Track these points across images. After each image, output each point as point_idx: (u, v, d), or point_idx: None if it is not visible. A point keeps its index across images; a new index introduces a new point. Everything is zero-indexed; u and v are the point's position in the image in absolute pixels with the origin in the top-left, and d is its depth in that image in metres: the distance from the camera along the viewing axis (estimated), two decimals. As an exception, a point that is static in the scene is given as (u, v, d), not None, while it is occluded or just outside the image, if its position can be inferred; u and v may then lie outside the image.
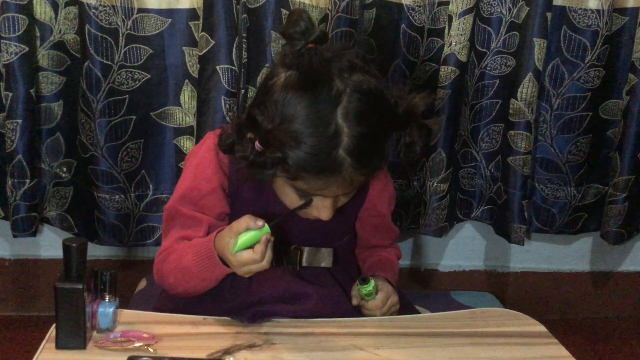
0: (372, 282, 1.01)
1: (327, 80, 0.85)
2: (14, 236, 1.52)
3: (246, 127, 0.89)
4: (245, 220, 0.87)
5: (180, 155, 1.55)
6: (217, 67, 1.42)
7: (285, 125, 0.85)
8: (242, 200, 1.01)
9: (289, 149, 0.84)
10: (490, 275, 1.85)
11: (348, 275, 1.07)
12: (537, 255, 1.84)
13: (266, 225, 0.88)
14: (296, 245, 1.03)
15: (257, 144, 0.87)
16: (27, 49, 1.42)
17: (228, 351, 0.87)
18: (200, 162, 1.00)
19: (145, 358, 0.83)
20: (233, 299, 0.99)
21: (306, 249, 1.04)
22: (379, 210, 1.10)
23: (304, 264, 1.03)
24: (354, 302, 1.03)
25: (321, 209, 0.93)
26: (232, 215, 1.00)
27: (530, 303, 1.84)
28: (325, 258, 1.05)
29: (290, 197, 0.94)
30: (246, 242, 0.87)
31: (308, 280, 1.02)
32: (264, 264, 0.88)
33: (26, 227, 1.51)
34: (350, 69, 0.87)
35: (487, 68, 1.59)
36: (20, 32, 1.40)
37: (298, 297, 0.99)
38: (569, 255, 1.86)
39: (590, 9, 1.53)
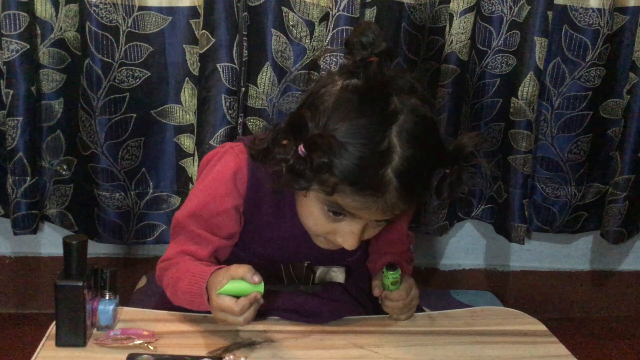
0: (399, 270, 0.97)
1: (386, 95, 0.82)
2: (15, 234, 1.52)
3: (288, 132, 0.85)
4: (244, 270, 0.84)
5: (180, 153, 1.55)
6: (218, 65, 1.42)
7: (336, 132, 0.81)
8: (258, 223, 0.98)
9: (336, 157, 0.80)
10: (491, 274, 1.85)
11: (360, 289, 1.05)
12: (538, 254, 1.84)
13: (262, 284, 0.84)
14: (307, 261, 1.00)
15: (301, 147, 0.82)
16: (27, 46, 1.42)
17: (228, 349, 0.87)
18: (215, 179, 0.96)
19: (145, 356, 0.83)
20: None
21: (318, 269, 1.01)
22: (395, 225, 1.06)
23: (317, 281, 1.00)
24: (376, 292, 0.98)
25: (347, 236, 0.87)
26: (245, 236, 0.99)
27: (531, 302, 1.84)
28: (337, 276, 1.02)
29: (315, 218, 0.88)
30: (234, 290, 0.84)
31: (319, 295, 0.99)
32: (240, 320, 0.84)
33: (27, 225, 1.51)
34: (410, 91, 0.84)
35: (488, 67, 1.59)
36: (21, 30, 1.40)
37: (308, 313, 0.97)
38: (569, 255, 1.86)
39: (592, 8, 1.53)
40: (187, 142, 1.54)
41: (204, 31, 1.42)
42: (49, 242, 1.67)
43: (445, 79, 1.53)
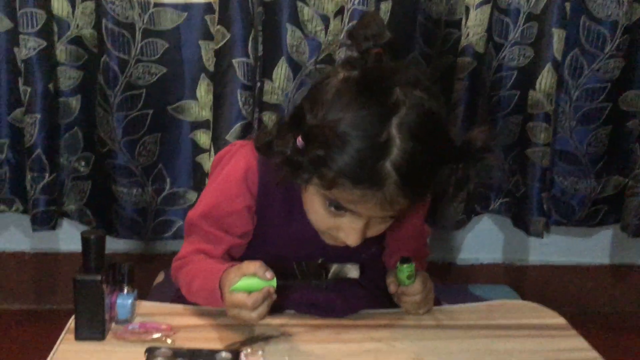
0: (413, 264, 0.95)
1: (388, 87, 0.80)
2: (34, 230, 1.53)
3: (290, 125, 0.84)
4: (256, 266, 0.84)
5: (196, 149, 1.55)
6: (233, 61, 1.42)
7: (333, 124, 0.79)
8: (270, 221, 0.97)
9: (332, 150, 0.78)
10: (509, 268, 1.84)
11: (375, 285, 1.04)
12: (556, 248, 1.82)
13: (274, 279, 0.84)
14: (321, 258, 0.98)
15: (299, 139, 0.81)
16: (45, 44, 1.43)
17: (245, 343, 0.87)
18: (226, 179, 0.96)
19: (163, 349, 0.83)
20: None
21: (333, 266, 0.97)
22: (412, 221, 1.04)
23: (330, 277, 0.97)
24: (392, 289, 0.97)
25: (350, 232, 0.86)
26: (258, 236, 0.99)
27: (549, 296, 1.82)
28: (352, 272, 0.98)
29: (317, 213, 0.87)
30: (246, 286, 0.84)
31: (333, 290, 0.99)
32: (254, 315, 0.84)
33: (45, 221, 1.53)
34: (415, 83, 0.81)
35: (505, 59, 1.58)
36: (39, 27, 1.41)
37: (323, 307, 0.97)
38: (589, 248, 1.84)
39: (610, -1, 1.51)
40: (203, 138, 1.54)
41: (219, 27, 1.42)
42: (68, 238, 1.69)
43: (461, 72, 1.52)
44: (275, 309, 0.93)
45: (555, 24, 1.49)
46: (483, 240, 1.82)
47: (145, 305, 0.96)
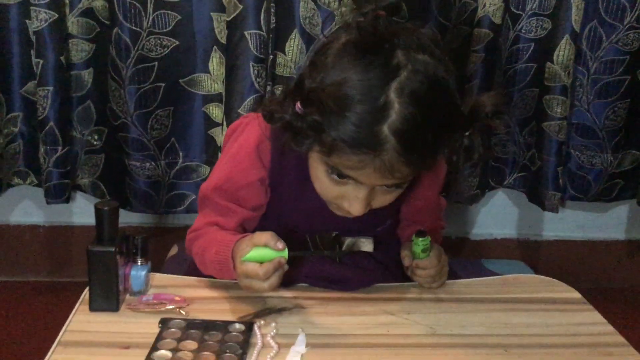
0: (429, 238, 0.94)
1: (388, 50, 0.78)
2: (48, 203, 1.54)
3: (292, 91, 0.83)
4: (267, 236, 0.83)
5: (209, 122, 1.54)
6: (245, 33, 1.40)
7: (331, 88, 0.78)
8: (283, 193, 0.97)
9: (329, 114, 0.77)
10: (523, 243, 1.83)
11: (390, 257, 1.03)
12: (572, 223, 1.81)
13: (286, 250, 0.83)
14: (335, 231, 0.96)
15: (298, 104, 0.80)
16: (56, 15, 1.42)
17: (258, 314, 0.87)
18: (239, 152, 0.95)
19: (177, 320, 0.84)
20: None
21: (346, 240, 0.97)
22: (426, 194, 1.03)
23: (344, 248, 0.97)
24: (407, 262, 0.96)
25: (353, 201, 0.84)
26: (271, 208, 0.99)
27: (564, 272, 1.81)
28: (365, 245, 0.98)
29: (322, 182, 0.86)
30: (258, 256, 0.84)
31: (347, 264, 0.99)
32: (265, 285, 0.83)
33: (59, 194, 1.53)
34: (418, 47, 0.79)
35: (522, 31, 1.55)
36: (50, -1, 1.40)
37: (336, 281, 0.97)
38: (604, 224, 1.82)
39: (631, -31, 1.48)
40: (216, 111, 1.54)
41: (231, -2, 1.40)
42: (82, 211, 1.69)
43: (477, 43, 1.49)
44: (288, 282, 0.93)
45: (574, -7, 1.46)
46: (497, 215, 1.80)
47: (159, 277, 0.96)
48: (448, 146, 0.81)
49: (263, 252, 0.84)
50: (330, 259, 0.96)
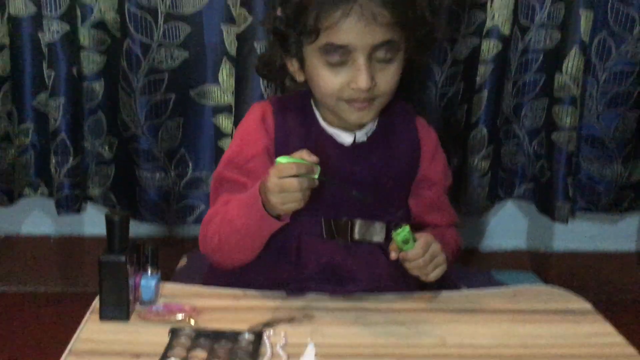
0: (407, 227, 0.93)
1: None
2: (59, 214, 1.55)
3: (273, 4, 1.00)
4: (301, 152, 0.88)
5: (218, 133, 1.55)
6: (255, 44, 1.41)
7: None
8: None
9: None
10: (533, 255, 1.82)
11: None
12: (582, 234, 1.80)
13: (319, 167, 0.87)
14: (348, 217, 1.02)
15: (278, 10, 0.97)
16: (68, 27, 1.43)
17: (268, 324, 0.87)
18: (245, 129, 1.04)
19: (186, 330, 0.84)
20: (279, 272, 0.99)
21: (358, 222, 1.01)
22: (431, 179, 1.08)
23: (356, 236, 1.01)
24: (393, 255, 0.96)
25: (357, 75, 0.92)
26: None
27: (575, 284, 1.78)
28: (377, 232, 1.02)
29: (324, 77, 0.95)
30: (294, 160, 0.87)
31: (358, 257, 1.00)
32: (298, 194, 0.86)
33: (70, 205, 1.54)
34: None
35: (531, 42, 1.55)
36: (62, 12, 1.42)
37: (345, 279, 0.98)
38: (615, 235, 1.81)
39: (639, -20, 1.48)
40: (225, 122, 1.54)
41: (241, 10, 1.41)
42: (93, 222, 1.70)
43: (486, 55, 1.50)
44: (299, 284, 0.95)
45: (583, 5, 1.45)
46: (507, 226, 1.80)
47: (169, 287, 0.97)
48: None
49: (298, 159, 0.87)
50: (342, 243, 0.97)
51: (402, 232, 0.93)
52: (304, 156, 0.87)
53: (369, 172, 1.01)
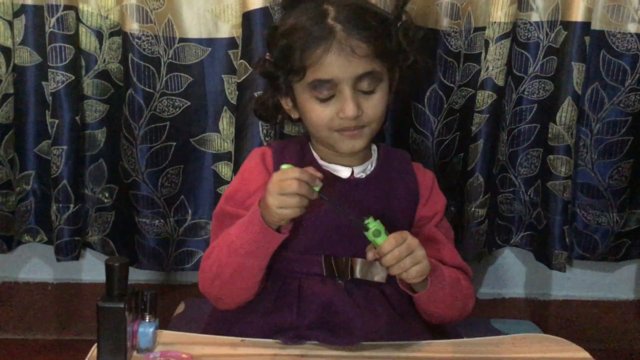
0: (372, 218, 0.90)
1: None
2: (58, 260, 1.55)
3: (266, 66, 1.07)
4: (307, 167, 0.92)
5: (218, 180, 1.57)
6: (255, 94, 1.44)
7: (283, 24, 1.02)
8: None
9: (288, 36, 0.99)
10: (531, 303, 1.81)
11: (400, 295, 1.04)
12: (580, 282, 1.80)
13: (321, 183, 0.91)
14: (348, 256, 1.02)
15: (267, 55, 1.06)
16: (72, 77, 1.46)
17: (266, 372, 0.87)
18: (245, 168, 1.10)
19: (184, 378, 0.83)
20: (280, 316, 0.99)
21: (359, 260, 1.02)
22: (428, 217, 1.10)
23: (357, 275, 1.02)
24: (369, 256, 0.93)
25: (345, 106, 0.98)
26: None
27: (573, 332, 1.80)
28: (379, 272, 1.02)
29: (315, 111, 1.01)
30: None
31: (357, 300, 1.00)
32: (297, 199, 0.89)
33: (69, 251, 1.54)
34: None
35: (525, 92, 1.58)
36: (67, 62, 1.45)
37: (343, 327, 0.98)
38: (613, 283, 1.81)
39: (630, 33, 1.52)
40: (225, 169, 1.56)
41: (241, 61, 1.45)
42: (91, 268, 1.70)
43: (481, 104, 1.53)
44: (298, 336, 0.95)
45: (575, 57, 1.49)
46: (505, 274, 1.80)
47: (167, 334, 0.96)
48: (390, 29, 1.02)
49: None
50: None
51: (370, 223, 0.90)
52: (309, 169, 0.91)
53: (367, 207, 1.02)
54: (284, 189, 0.89)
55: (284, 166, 0.92)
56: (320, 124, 1.02)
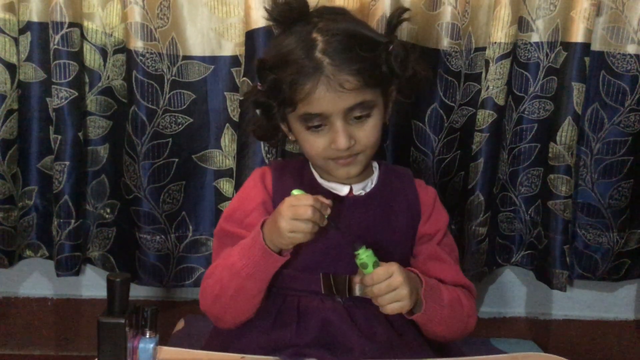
0: (369, 252, 0.92)
1: (305, 18, 1.01)
2: (58, 275, 1.55)
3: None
4: (316, 195, 0.93)
5: (219, 197, 1.57)
6: (258, 111, 1.45)
7: (272, 54, 1.03)
8: None
9: (276, 70, 0.99)
10: (532, 322, 1.81)
11: (400, 315, 1.03)
12: (580, 302, 1.80)
13: (329, 209, 0.92)
14: (347, 274, 1.02)
15: (258, 85, 1.05)
16: (76, 94, 1.47)
17: (265, 389, 0.87)
18: (245, 187, 1.12)
19: (183, 394, 0.83)
20: (280, 334, 0.99)
21: (358, 280, 1.02)
22: (430, 234, 1.10)
23: (356, 293, 1.02)
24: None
25: (336, 137, 0.99)
26: None
27: (574, 352, 1.79)
28: None
29: (309, 141, 1.02)
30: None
31: (356, 318, 1.00)
32: (309, 225, 0.90)
33: (70, 267, 1.54)
34: (329, 13, 1.03)
35: (525, 112, 1.59)
36: (71, 78, 1.46)
37: (341, 344, 0.98)
38: (613, 303, 1.81)
39: (629, 54, 1.53)
40: (227, 186, 1.57)
41: (244, 78, 1.46)
42: (91, 284, 1.70)
43: (482, 124, 1.54)
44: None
45: (575, 78, 1.50)
46: (506, 294, 1.80)
47: (167, 351, 0.96)
48: (381, 55, 1.00)
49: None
50: (342, 301, 0.98)
51: (360, 254, 0.93)
52: (320, 198, 0.92)
53: (367, 225, 1.03)
54: (299, 215, 0.91)
55: (295, 191, 0.93)
56: (314, 154, 1.03)
